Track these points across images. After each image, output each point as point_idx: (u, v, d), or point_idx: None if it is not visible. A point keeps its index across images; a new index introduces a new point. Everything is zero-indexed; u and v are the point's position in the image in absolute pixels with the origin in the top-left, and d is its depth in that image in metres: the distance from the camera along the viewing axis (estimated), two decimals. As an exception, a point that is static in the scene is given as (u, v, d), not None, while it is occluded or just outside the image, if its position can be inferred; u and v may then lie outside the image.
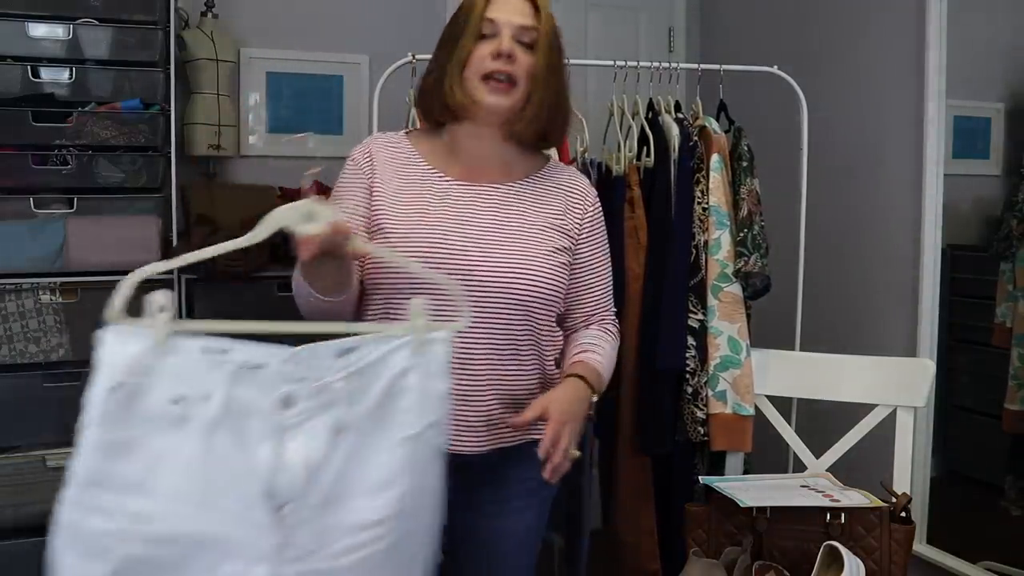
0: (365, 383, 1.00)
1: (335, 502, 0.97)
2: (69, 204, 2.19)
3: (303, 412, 0.96)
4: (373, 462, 0.99)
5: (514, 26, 1.33)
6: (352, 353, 1.00)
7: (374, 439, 0.99)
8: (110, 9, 2.18)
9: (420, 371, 1.01)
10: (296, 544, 0.95)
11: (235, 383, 0.94)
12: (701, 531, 1.74)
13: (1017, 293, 2.20)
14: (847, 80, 2.54)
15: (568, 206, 1.43)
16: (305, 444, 0.96)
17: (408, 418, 1.00)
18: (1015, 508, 2.24)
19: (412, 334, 1.01)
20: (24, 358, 2.14)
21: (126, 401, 0.93)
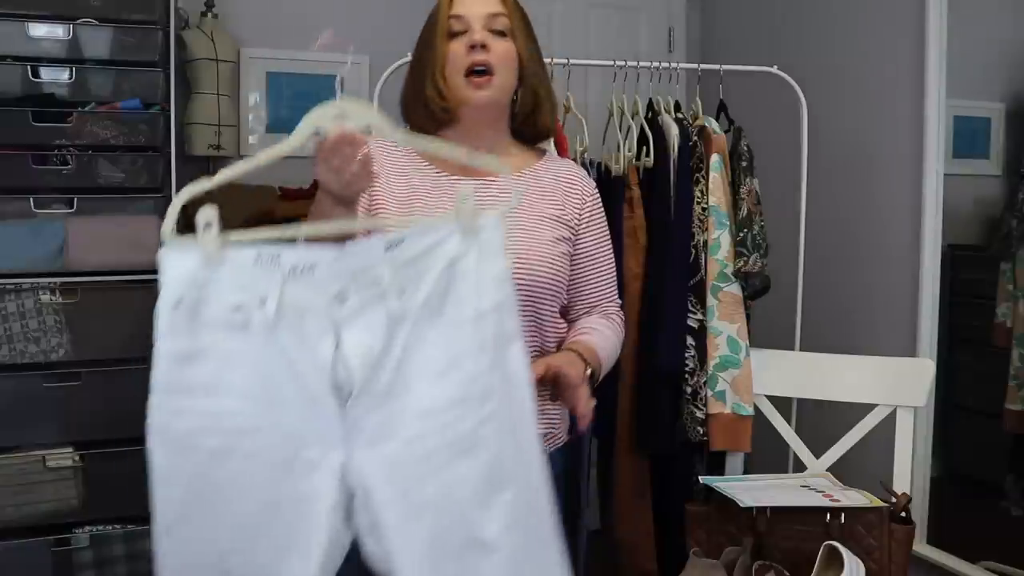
0: (416, 273, 1.00)
1: (399, 390, 0.99)
2: (69, 204, 2.19)
3: (357, 306, 0.99)
4: (433, 348, 0.99)
5: (482, 16, 1.33)
6: (400, 245, 1.01)
7: (432, 326, 0.99)
8: (110, 9, 2.18)
9: (473, 255, 1.00)
10: (366, 431, 0.98)
11: (289, 285, 0.98)
12: (701, 531, 1.74)
13: (1017, 293, 2.20)
14: (847, 80, 2.54)
15: (566, 197, 1.43)
16: (362, 336, 0.99)
17: (465, 302, 0.99)
18: (1015, 508, 2.24)
19: (459, 221, 1.00)
20: (24, 358, 2.14)
21: (189, 313, 0.98)
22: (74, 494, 2.15)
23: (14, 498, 2.10)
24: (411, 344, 0.99)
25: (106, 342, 2.20)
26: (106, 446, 2.17)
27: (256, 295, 0.99)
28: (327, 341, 0.99)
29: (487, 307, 0.99)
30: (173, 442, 0.99)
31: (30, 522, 2.12)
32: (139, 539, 2.20)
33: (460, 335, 0.99)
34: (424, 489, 1.00)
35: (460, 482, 1.00)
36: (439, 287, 1.00)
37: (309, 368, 0.99)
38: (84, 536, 2.14)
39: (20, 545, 2.09)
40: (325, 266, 1.00)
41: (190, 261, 1.01)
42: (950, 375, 2.32)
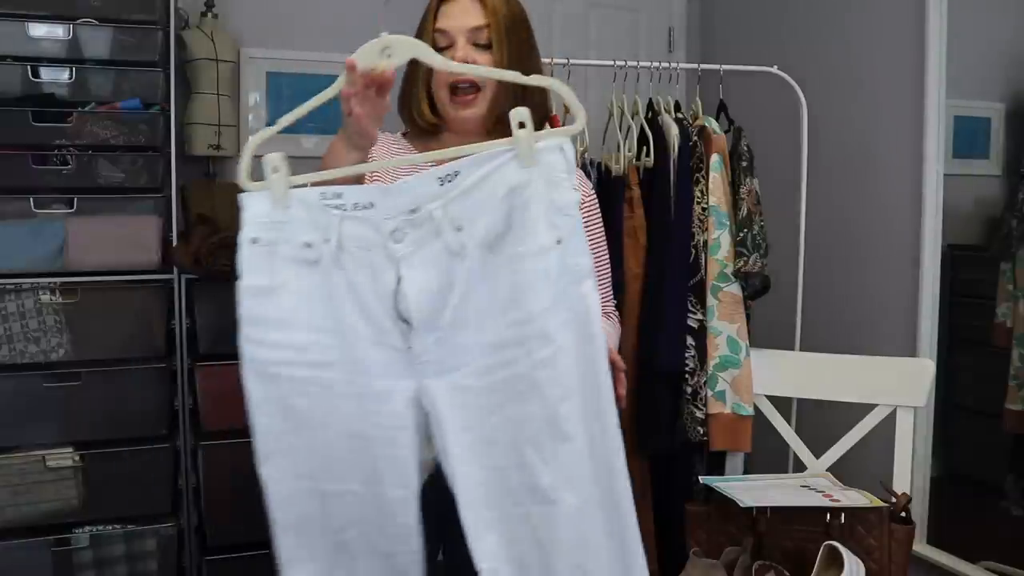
0: (475, 204, 1.01)
1: (465, 323, 1.02)
2: (69, 204, 2.19)
3: (413, 244, 1.03)
4: (495, 282, 1.01)
5: (466, 31, 1.33)
6: (456, 177, 1.02)
7: (494, 259, 1.01)
8: (110, 9, 2.18)
9: (536, 184, 0.99)
10: (433, 362, 1.03)
11: (349, 222, 1.04)
12: (701, 531, 1.74)
13: (1018, 293, 2.19)
14: (847, 80, 2.54)
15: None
16: (421, 273, 1.03)
17: (527, 235, 0.99)
18: (1015, 508, 2.24)
19: (516, 146, 1.00)
20: (24, 358, 2.15)
21: (265, 252, 1.06)
22: (74, 494, 2.15)
23: (14, 498, 2.10)
24: (473, 278, 1.02)
25: (106, 342, 2.20)
26: (106, 446, 2.18)
27: (324, 232, 1.04)
28: (389, 276, 1.03)
29: (552, 240, 0.99)
30: (260, 372, 1.06)
31: (30, 522, 2.12)
32: (139, 539, 2.20)
33: (524, 268, 1.00)
34: (486, 423, 1.03)
35: (520, 423, 1.01)
36: (498, 220, 1.01)
37: (373, 302, 1.04)
38: (84, 536, 2.14)
39: (20, 545, 2.09)
40: (382, 203, 1.03)
41: (263, 203, 1.06)
42: (950, 375, 2.32)
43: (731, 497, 1.63)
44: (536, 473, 1.01)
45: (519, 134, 0.99)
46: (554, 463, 1.00)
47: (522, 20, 1.38)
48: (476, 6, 1.33)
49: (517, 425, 1.01)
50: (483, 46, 1.33)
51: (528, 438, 1.01)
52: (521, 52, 1.36)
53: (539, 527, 1.02)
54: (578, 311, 1.00)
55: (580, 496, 1.02)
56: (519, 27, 1.37)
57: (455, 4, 1.34)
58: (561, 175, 0.99)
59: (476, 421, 1.02)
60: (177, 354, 2.26)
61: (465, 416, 1.03)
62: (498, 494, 1.03)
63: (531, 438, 1.01)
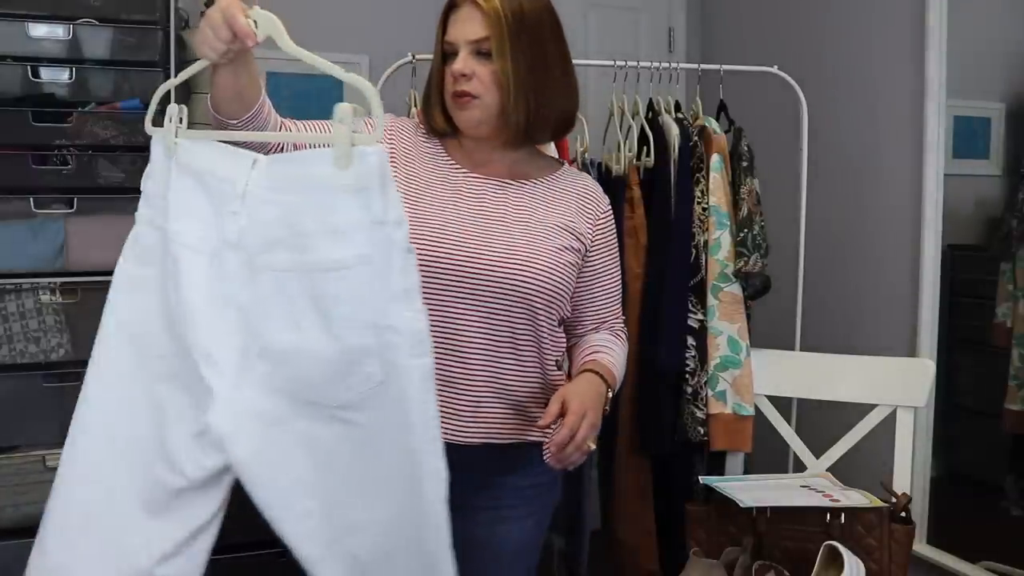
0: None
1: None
2: (69, 204, 2.18)
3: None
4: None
5: (469, 43, 1.33)
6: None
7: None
8: (110, 9, 2.18)
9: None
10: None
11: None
12: (702, 531, 1.74)
13: (1017, 293, 2.20)
14: (847, 80, 2.54)
15: (581, 209, 1.42)
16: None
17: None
18: (1015, 508, 2.24)
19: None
20: (24, 358, 2.14)
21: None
22: (74, 494, 2.15)
23: (14, 498, 2.09)
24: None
25: (106, 342, 2.20)
26: (106, 446, 2.17)
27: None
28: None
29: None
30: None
31: (30, 522, 2.11)
32: (139, 539, 2.20)
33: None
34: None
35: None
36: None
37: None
38: (84, 536, 2.14)
39: (20, 545, 2.09)
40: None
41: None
42: (950, 375, 2.33)
43: (731, 497, 1.63)
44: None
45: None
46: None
47: (536, 26, 1.34)
48: (477, 16, 1.32)
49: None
50: (486, 54, 1.33)
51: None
52: (531, 62, 1.33)
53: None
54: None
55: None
56: (531, 35, 1.34)
57: (459, 14, 1.34)
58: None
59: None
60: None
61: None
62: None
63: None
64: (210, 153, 1.10)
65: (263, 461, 1.04)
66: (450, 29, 1.35)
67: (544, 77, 1.35)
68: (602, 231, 1.45)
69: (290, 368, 1.04)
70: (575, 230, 1.40)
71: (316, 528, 1.04)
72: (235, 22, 1.04)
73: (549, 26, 1.37)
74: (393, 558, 1.05)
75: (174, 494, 1.09)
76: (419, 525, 1.02)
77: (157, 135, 1.15)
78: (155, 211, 1.14)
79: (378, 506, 1.03)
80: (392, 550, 1.04)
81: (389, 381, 0.99)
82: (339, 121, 0.96)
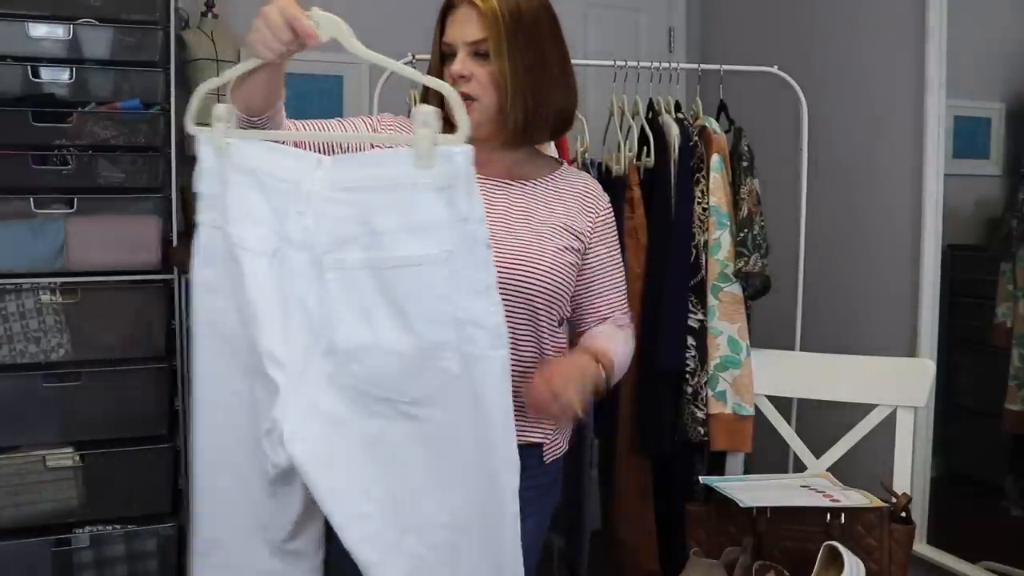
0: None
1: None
2: (69, 204, 2.19)
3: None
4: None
5: (467, 44, 1.32)
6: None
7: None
8: (110, 9, 2.18)
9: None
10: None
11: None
12: (702, 531, 1.74)
13: (1017, 293, 2.20)
14: (847, 80, 2.54)
15: (582, 208, 1.42)
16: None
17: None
18: (1015, 508, 2.24)
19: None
20: (24, 358, 2.15)
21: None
22: (74, 494, 2.15)
23: (14, 498, 2.10)
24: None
25: (106, 342, 2.20)
26: (106, 446, 2.18)
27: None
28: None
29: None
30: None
31: (30, 522, 2.12)
32: (139, 539, 2.20)
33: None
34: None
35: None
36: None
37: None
38: (84, 536, 2.14)
39: (20, 545, 2.09)
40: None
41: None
42: (950, 375, 2.33)
43: (731, 497, 1.63)
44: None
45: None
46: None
47: (533, 25, 1.34)
48: (474, 17, 1.31)
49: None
50: (484, 55, 1.32)
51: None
52: (529, 61, 1.33)
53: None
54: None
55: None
56: (529, 32, 1.33)
57: (456, 15, 1.34)
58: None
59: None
60: (177, 354, 2.26)
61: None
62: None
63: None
64: (266, 154, 1.11)
65: (322, 461, 1.06)
66: (448, 30, 1.35)
67: (542, 76, 1.35)
68: (602, 227, 1.45)
69: (358, 365, 1.05)
70: (575, 229, 1.40)
71: (374, 532, 1.06)
72: (297, 22, 1.03)
73: (547, 25, 1.37)
74: (460, 553, 1.05)
75: (272, 482, 1.14)
76: (491, 517, 1.04)
77: (203, 136, 1.14)
78: (215, 213, 1.14)
79: (447, 501, 1.04)
80: (460, 545, 1.05)
81: (464, 375, 1.01)
82: (423, 123, 0.98)
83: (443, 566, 1.06)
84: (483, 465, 1.03)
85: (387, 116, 1.45)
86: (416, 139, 0.98)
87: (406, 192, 1.00)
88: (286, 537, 1.19)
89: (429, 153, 0.98)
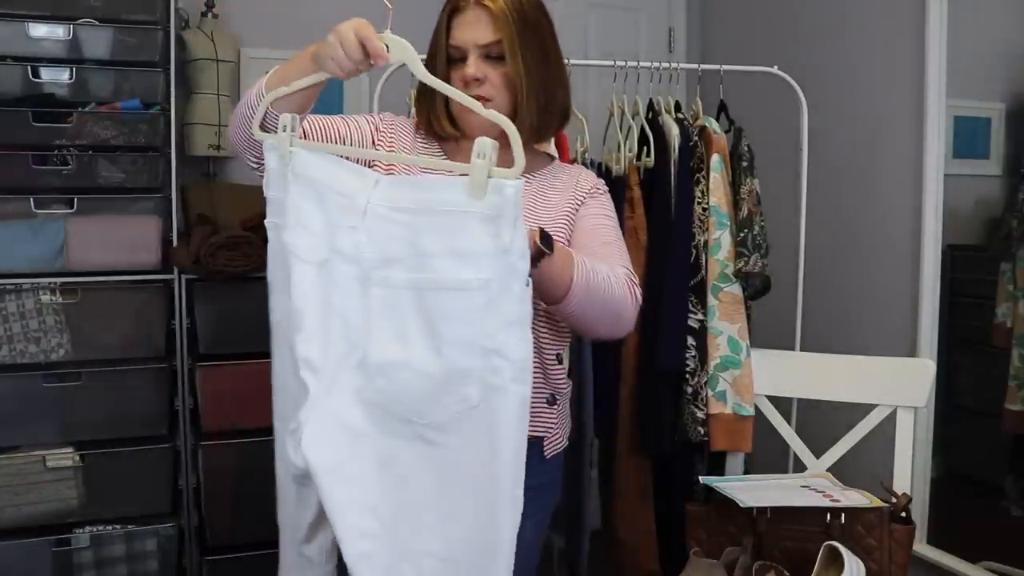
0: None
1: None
2: (69, 204, 2.19)
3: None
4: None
5: (479, 46, 1.32)
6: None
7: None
8: (110, 9, 2.18)
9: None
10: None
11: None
12: (702, 531, 1.74)
13: (1017, 293, 2.19)
14: (847, 80, 2.54)
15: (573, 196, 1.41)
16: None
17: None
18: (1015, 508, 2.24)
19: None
20: (24, 358, 2.14)
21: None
22: (74, 494, 2.15)
23: (14, 498, 2.10)
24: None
25: (106, 342, 2.20)
26: (106, 446, 2.18)
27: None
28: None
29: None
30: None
31: (30, 522, 2.12)
32: (139, 539, 2.20)
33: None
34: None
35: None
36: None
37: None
38: (84, 536, 2.14)
39: (20, 545, 2.09)
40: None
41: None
42: (950, 375, 2.32)
43: (731, 497, 1.62)
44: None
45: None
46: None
47: (536, 24, 1.35)
48: (486, 19, 1.31)
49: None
50: (496, 57, 1.32)
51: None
52: (538, 60, 1.33)
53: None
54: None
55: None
56: (534, 33, 1.34)
57: (465, 17, 1.32)
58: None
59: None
60: (177, 354, 2.26)
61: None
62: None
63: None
64: (329, 166, 1.13)
65: (334, 471, 1.07)
66: (455, 32, 1.33)
67: (548, 74, 1.36)
68: (590, 197, 1.42)
69: (387, 381, 1.07)
70: (568, 218, 1.40)
71: (374, 550, 1.07)
72: (370, 43, 1.08)
73: (546, 23, 1.38)
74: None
75: (297, 481, 1.17)
76: (486, 554, 1.04)
77: (269, 143, 1.17)
78: (279, 217, 1.17)
79: (446, 532, 1.05)
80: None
81: (483, 406, 1.02)
82: (478, 155, 1.00)
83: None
84: (486, 500, 1.03)
85: (388, 115, 1.45)
86: (472, 169, 1.00)
87: (455, 218, 1.02)
88: (302, 539, 1.21)
89: (482, 184, 0.99)
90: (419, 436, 1.06)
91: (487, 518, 1.03)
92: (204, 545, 2.29)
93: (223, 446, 2.22)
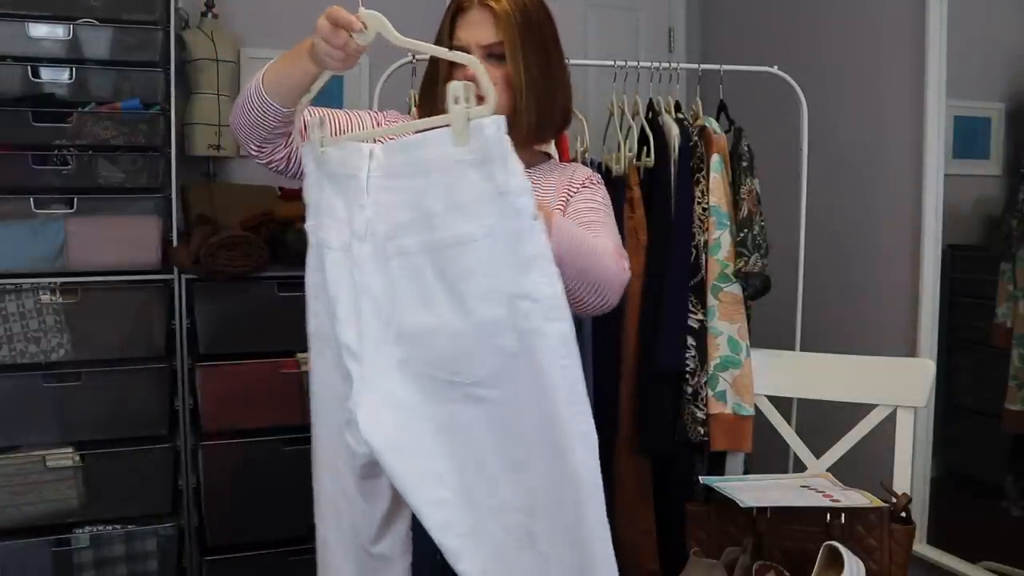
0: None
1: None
2: (69, 204, 2.19)
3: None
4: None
5: (482, 47, 1.32)
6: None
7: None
8: (110, 9, 2.18)
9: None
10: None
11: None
12: (702, 531, 1.74)
13: (1017, 293, 2.19)
14: (847, 80, 2.54)
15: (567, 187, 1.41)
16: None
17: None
18: (1015, 508, 2.24)
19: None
20: (24, 358, 2.15)
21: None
22: (74, 494, 2.15)
23: (14, 498, 2.10)
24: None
25: (106, 342, 2.20)
26: (106, 446, 2.18)
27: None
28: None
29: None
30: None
31: (30, 522, 2.12)
32: (139, 539, 2.20)
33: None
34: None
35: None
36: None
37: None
38: (84, 536, 2.14)
39: (20, 545, 2.09)
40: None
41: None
42: (950, 375, 2.32)
43: (731, 497, 1.63)
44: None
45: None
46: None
47: (538, 24, 1.35)
48: (489, 19, 1.31)
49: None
50: (499, 57, 1.32)
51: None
52: (539, 62, 1.33)
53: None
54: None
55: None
56: (537, 33, 1.34)
57: (469, 17, 1.33)
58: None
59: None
60: (177, 354, 2.26)
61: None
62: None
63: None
64: (339, 153, 1.14)
65: (397, 449, 1.07)
66: (459, 32, 1.33)
67: (549, 75, 1.36)
68: (580, 186, 1.41)
69: (425, 349, 1.06)
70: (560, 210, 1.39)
71: (452, 517, 1.05)
72: (340, 17, 1.07)
73: (548, 24, 1.38)
74: (538, 536, 1.03)
75: (362, 477, 1.16)
76: (567, 496, 1.01)
77: (306, 148, 1.20)
78: (316, 219, 1.18)
79: (520, 484, 1.03)
80: (536, 528, 1.03)
81: (523, 353, 0.99)
82: (452, 98, 0.97)
83: (522, 550, 1.04)
84: (552, 443, 0.99)
85: (393, 113, 1.45)
86: (450, 116, 0.97)
87: (449, 172, 1.00)
88: (373, 538, 1.20)
89: (464, 129, 0.97)
90: (468, 396, 1.04)
91: (558, 460, 1.00)
92: (204, 545, 2.29)
93: (223, 446, 2.22)
